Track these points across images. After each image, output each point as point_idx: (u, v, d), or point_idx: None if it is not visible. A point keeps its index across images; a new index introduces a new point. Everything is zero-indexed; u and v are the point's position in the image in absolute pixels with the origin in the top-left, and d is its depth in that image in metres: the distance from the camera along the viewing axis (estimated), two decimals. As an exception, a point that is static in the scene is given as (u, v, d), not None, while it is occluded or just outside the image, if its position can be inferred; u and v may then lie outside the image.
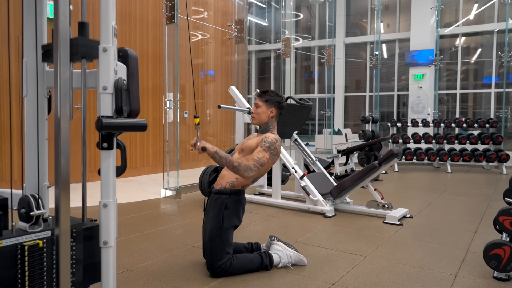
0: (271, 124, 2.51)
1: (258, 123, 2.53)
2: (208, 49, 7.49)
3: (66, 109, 1.22)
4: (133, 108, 1.87)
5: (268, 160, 2.31)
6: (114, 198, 1.59)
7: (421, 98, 11.09)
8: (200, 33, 7.25)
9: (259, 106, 2.50)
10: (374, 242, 3.00)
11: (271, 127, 2.50)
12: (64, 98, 1.21)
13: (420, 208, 4.18)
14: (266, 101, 2.49)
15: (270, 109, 2.48)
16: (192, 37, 7.07)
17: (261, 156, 2.30)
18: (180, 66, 5.04)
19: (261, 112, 2.49)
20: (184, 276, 2.31)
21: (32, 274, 1.30)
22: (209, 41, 7.44)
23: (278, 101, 2.51)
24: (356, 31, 13.14)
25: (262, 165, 2.29)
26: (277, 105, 2.50)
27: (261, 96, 2.52)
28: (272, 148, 2.33)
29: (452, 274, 2.39)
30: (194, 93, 6.27)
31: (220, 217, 2.30)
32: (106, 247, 1.57)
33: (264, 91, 2.53)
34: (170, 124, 5.07)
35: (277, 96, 2.52)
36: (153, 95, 6.42)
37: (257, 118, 2.51)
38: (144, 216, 3.75)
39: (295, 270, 2.42)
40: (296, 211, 3.99)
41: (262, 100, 2.50)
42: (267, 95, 2.50)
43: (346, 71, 12.99)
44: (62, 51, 1.21)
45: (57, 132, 1.21)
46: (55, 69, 1.21)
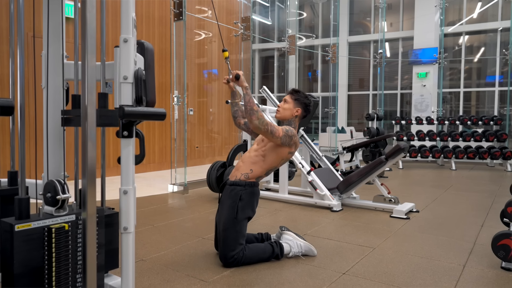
0: (293, 123, 2.53)
1: (281, 118, 2.55)
2: (213, 47, 7.53)
3: (92, 95, 1.26)
4: (149, 99, 1.92)
5: (279, 135, 2.34)
6: (133, 185, 1.64)
7: (424, 97, 11.10)
8: (205, 32, 7.30)
9: (287, 102, 2.54)
10: (382, 235, 3.03)
11: (293, 125, 2.53)
12: (91, 85, 1.25)
13: (426, 203, 4.21)
14: (295, 100, 2.53)
15: (296, 108, 2.51)
16: (197, 35, 7.12)
17: (277, 127, 2.35)
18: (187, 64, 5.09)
19: (287, 108, 2.53)
20: (197, 266, 2.36)
21: (59, 256, 1.35)
22: (214, 39, 7.49)
23: (306, 104, 2.54)
24: (359, 30, 13.16)
25: (272, 133, 2.31)
26: (304, 106, 2.53)
27: (292, 93, 2.56)
28: (289, 134, 2.38)
29: (461, 264, 2.43)
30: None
31: (234, 208, 2.34)
32: (126, 232, 1.61)
33: (296, 90, 2.58)
34: (177, 121, 5.11)
35: (306, 98, 2.56)
36: (158, 93, 6.47)
37: (282, 112, 2.54)
38: (153, 210, 3.79)
39: (306, 260, 2.46)
40: (303, 206, 4.03)
41: (292, 97, 2.54)
42: (298, 95, 2.55)
43: (350, 69, 13.01)
44: (89, 41, 1.25)
45: (84, 119, 1.25)
46: (83, 58, 1.25)
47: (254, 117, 2.25)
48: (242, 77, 2.27)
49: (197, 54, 7.19)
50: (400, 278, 2.21)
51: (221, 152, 7.74)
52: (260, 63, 14.51)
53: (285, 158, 2.44)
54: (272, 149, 2.40)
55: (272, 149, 2.40)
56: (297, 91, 2.55)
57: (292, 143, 2.40)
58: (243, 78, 2.27)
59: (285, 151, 2.41)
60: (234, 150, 4.35)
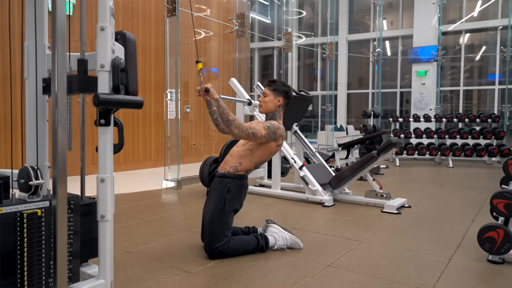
0: (277, 113, 2.54)
1: (265, 112, 2.56)
2: (209, 44, 7.53)
3: (63, 79, 1.26)
4: (131, 90, 1.91)
5: (261, 135, 2.33)
6: (111, 174, 1.64)
7: (424, 95, 11.08)
8: (202, 29, 7.30)
9: (266, 95, 2.54)
10: (371, 229, 3.03)
11: (277, 116, 2.53)
12: (62, 70, 1.25)
13: (419, 199, 4.20)
14: (274, 90, 2.53)
15: (277, 98, 2.51)
16: (190, 32, 7.12)
17: (258, 128, 2.33)
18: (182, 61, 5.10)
19: (268, 100, 2.53)
20: (182, 258, 2.36)
21: (31, 241, 1.35)
22: (211, 37, 7.49)
23: (286, 91, 2.54)
24: (359, 28, 13.15)
25: (254, 135, 2.31)
26: (284, 94, 2.53)
27: (269, 85, 2.55)
28: (271, 129, 2.37)
29: (447, 257, 2.42)
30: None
31: (222, 200, 2.34)
32: (103, 220, 1.61)
33: (272, 81, 2.57)
34: (172, 119, 5.12)
35: (284, 86, 2.56)
36: (155, 90, 6.48)
37: (265, 106, 2.54)
38: (145, 205, 3.80)
39: (291, 253, 2.46)
40: (295, 201, 4.02)
41: (270, 89, 2.54)
42: (275, 85, 2.54)
43: (349, 68, 13.00)
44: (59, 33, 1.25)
45: (54, 105, 1.26)
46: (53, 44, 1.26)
47: (232, 127, 2.24)
48: (212, 90, 2.25)
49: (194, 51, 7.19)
50: (384, 270, 2.20)
51: (218, 149, 7.74)
52: (259, 61, 14.50)
53: (274, 151, 2.44)
54: (258, 144, 2.40)
55: (258, 144, 2.40)
56: (273, 81, 2.55)
57: (278, 137, 2.40)
58: (212, 90, 2.25)
59: (272, 145, 2.41)
60: (227, 146, 4.34)
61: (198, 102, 7.35)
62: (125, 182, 5.14)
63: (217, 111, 2.27)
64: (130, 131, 6.21)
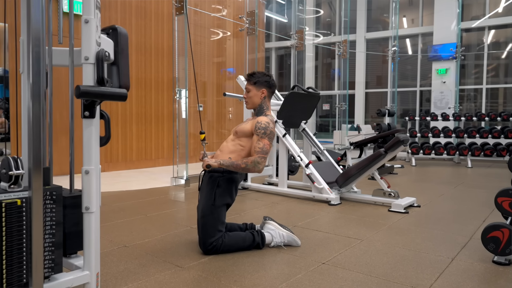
0: (264, 105, 2.51)
1: (253, 107, 2.54)
2: (219, 42, 7.55)
3: (39, 68, 1.27)
4: (122, 84, 1.92)
5: (269, 145, 2.34)
6: (97, 166, 1.64)
7: (444, 94, 10.79)
8: (218, 29, 7.33)
9: (249, 90, 2.51)
10: (375, 228, 2.95)
11: (264, 108, 2.50)
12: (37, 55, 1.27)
13: (430, 198, 4.07)
14: (255, 84, 2.50)
15: (260, 90, 2.48)
16: (203, 31, 7.15)
17: (261, 145, 2.31)
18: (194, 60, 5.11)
19: (252, 95, 2.50)
20: (177, 253, 2.35)
21: (10, 231, 1.36)
22: (228, 37, 7.51)
23: (267, 80, 2.51)
24: (378, 26, 12.92)
25: (267, 153, 2.31)
26: (266, 84, 2.50)
27: (249, 79, 2.52)
28: (268, 132, 2.34)
29: (449, 258, 2.33)
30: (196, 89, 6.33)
31: (212, 195, 2.32)
32: (88, 212, 1.62)
33: (251, 74, 2.53)
34: (181, 118, 5.16)
35: (264, 75, 2.52)
36: (168, 89, 6.54)
37: (250, 102, 2.52)
38: (151, 201, 3.83)
39: (287, 250, 2.42)
40: (301, 199, 3.97)
41: (251, 83, 2.51)
42: (254, 77, 2.50)
43: (367, 67, 12.79)
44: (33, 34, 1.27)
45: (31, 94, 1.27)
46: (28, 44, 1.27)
47: (252, 170, 2.27)
48: (212, 163, 2.26)
49: (207, 50, 7.22)
50: (381, 269, 2.14)
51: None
52: (276, 61, 14.46)
53: None
54: (248, 139, 2.38)
55: (249, 140, 2.38)
56: (252, 74, 2.51)
57: (271, 136, 2.38)
58: (212, 162, 2.26)
59: None
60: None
61: (211, 101, 7.38)
62: (136, 179, 5.21)
63: (231, 170, 2.30)
64: (143, 130, 6.28)
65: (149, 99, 6.35)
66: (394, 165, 6.13)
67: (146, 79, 6.29)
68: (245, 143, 2.38)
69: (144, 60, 6.23)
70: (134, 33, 6.07)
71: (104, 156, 5.79)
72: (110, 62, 1.92)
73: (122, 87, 1.92)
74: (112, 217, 3.18)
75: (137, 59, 6.14)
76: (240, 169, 2.26)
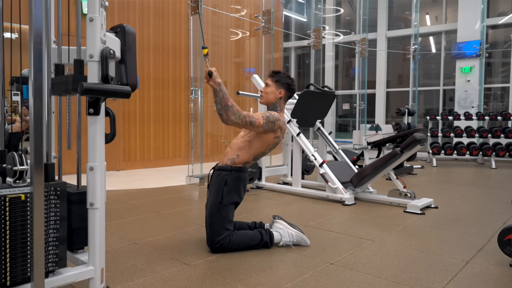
0: (278, 105, 2.48)
1: (266, 103, 2.51)
2: (237, 42, 7.56)
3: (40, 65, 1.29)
4: (129, 82, 1.94)
5: (259, 124, 2.27)
6: (102, 162, 1.66)
7: (469, 93, 10.47)
8: (238, 29, 7.34)
9: (268, 85, 2.49)
10: (388, 229, 2.88)
11: (278, 108, 2.47)
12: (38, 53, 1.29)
13: (449, 199, 3.95)
14: (276, 81, 2.47)
15: (279, 89, 2.46)
16: (220, 30, 7.18)
17: (256, 117, 2.28)
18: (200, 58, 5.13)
19: (269, 91, 2.48)
20: (185, 251, 2.36)
21: (14, 225, 1.39)
22: (238, 34, 7.52)
23: (288, 83, 2.48)
24: (400, 24, 12.67)
25: (251, 123, 2.25)
26: (286, 86, 2.47)
27: (272, 76, 2.50)
28: (270, 120, 2.31)
29: (464, 260, 2.25)
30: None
31: (220, 193, 2.32)
32: (93, 208, 1.64)
33: (276, 71, 2.51)
34: (197, 117, 5.19)
35: (288, 78, 2.49)
36: (185, 89, 6.59)
37: (265, 97, 2.49)
38: (165, 200, 3.86)
39: (296, 250, 2.39)
40: (315, 199, 3.93)
41: (273, 80, 2.49)
42: (278, 76, 2.49)
43: (389, 66, 12.56)
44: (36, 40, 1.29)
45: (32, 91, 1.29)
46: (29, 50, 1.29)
47: (230, 113, 2.19)
48: (215, 73, 2.19)
49: (224, 50, 7.25)
50: (390, 270, 2.08)
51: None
52: (296, 60, 14.39)
53: (272, 143, 2.39)
54: (257, 136, 2.36)
55: (257, 135, 2.36)
56: (277, 72, 2.48)
57: (276, 128, 2.34)
58: (215, 74, 2.19)
59: (270, 137, 2.35)
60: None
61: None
62: (152, 178, 5.27)
63: (218, 95, 2.19)
64: (160, 129, 6.36)
65: (166, 99, 6.42)
66: (413, 166, 5.99)
67: (164, 79, 6.36)
68: (252, 138, 2.36)
69: (162, 60, 6.30)
70: (152, 34, 6.15)
71: (123, 155, 5.89)
72: (118, 61, 1.95)
73: (129, 85, 1.94)
74: (125, 215, 3.22)
75: (155, 59, 6.22)
76: (224, 103, 2.17)
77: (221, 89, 2.20)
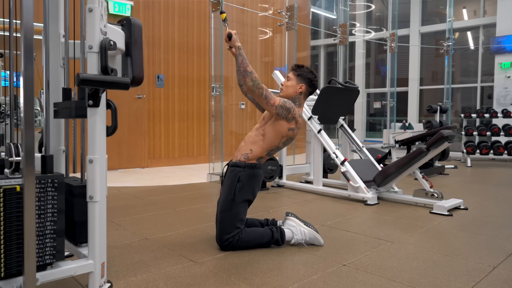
0: (298, 100, 2.38)
1: (285, 96, 2.41)
2: (259, 39, 7.49)
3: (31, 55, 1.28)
4: (135, 75, 1.92)
5: (273, 103, 2.21)
6: (102, 155, 1.64)
7: (509, 89, 9.91)
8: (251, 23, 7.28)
9: (290, 79, 2.41)
10: (410, 230, 2.72)
11: (297, 103, 2.38)
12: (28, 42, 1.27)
13: (481, 201, 3.71)
14: (298, 75, 2.39)
15: (300, 84, 2.37)
16: (244, 28, 7.13)
17: (273, 96, 2.22)
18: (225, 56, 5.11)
19: (290, 85, 2.39)
20: (194, 248, 2.32)
21: (9, 216, 1.38)
22: (262, 31, 7.44)
23: (310, 78, 2.39)
24: (435, 19, 12.17)
25: (266, 98, 2.19)
26: (308, 82, 2.38)
27: (294, 69, 2.42)
28: (286, 106, 2.23)
29: (491, 265, 2.07)
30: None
31: (232, 190, 2.26)
32: (92, 201, 1.62)
33: (299, 65, 2.43)
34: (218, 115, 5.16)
35: (310, 73, 2.40)
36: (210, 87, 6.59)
37: (285, 90, 2.41)
38: (183, 196, 3.85)
39: (308, 249, 2.29)
40: (336, 198, 3.79)
41: (295, 73, 2.40)
42: (300, 70, 2.40)
43: (422, 62, 12.10)
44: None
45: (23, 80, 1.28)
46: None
47: (248, 79, 2.14)
48: (235, 36, 2.15)
49: (248, 47, 7.20)
50: (407, 274, 1.94)
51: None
52: (325, 59, 14.15)
53: (286, 136, 2.29)
54: (271, 125, 2.28)
55: (271, 125, 2.28)
56: (300, 66, 2.39)
57: (290, 117, 2.25)
58: (235, 37, 2.15)
59: (284, 127, 2.26)
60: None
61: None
62: (175, 175, 5.30)
63: (237, 60, 2.16)
64: (185, 127, 6.39)
65: (191, 97, 6.45)
66: (445, 165, 5.70)
67: (189, 77, 6.39)
68: (266, 130, 2.29)
69: (186, 58, 6.33)
70: (177, 32, 6.19)
71: (148, 153, 5.96)
72: (124, 54, 1.93)
73: (135, 78, 1.92)
74: (142, 210, 3.23)
75: (180, 58, 6.25)
76: (243, 68, 2.13)
77: (240, 53, 2.16)
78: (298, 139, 7.61)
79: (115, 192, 4.03)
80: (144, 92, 5.83)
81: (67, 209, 1.78)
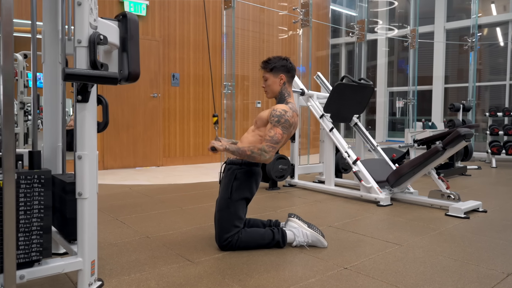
0: (285, 91, 2.32)
1: (273, 96, 2.36)
2: (275, 37, 7.40)
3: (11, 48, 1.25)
4: (131, 70, 1.89)
5: (282, 135, 2.16)
6: (92, 151, 1.61)
7: (540, 87, 9.45)
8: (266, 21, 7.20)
9: (266, 78, 2.34)
10: (421, 233, 2.59)
11: (286, 95, 2.31)
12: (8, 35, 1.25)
13: (502, 203, 3.52)
14: (271, 70, 2.32)
15: (278, 76, 2.30)
16: (260, 26, 7.06)
17: (273, 134, 2.15)
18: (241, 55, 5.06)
19: (271, 83, 2.32)
20: (194, 247, 2.27)
21: (-7, 212, 1.37)
22: (277, 29, 7.35)
23: (284, 65, 2.31)
24: (461, 15, 11.75)
25: (277, 143, 2.15)
26: (284, 69, 2.31)
27: (264, 67, 2.34)
28: (282, 121, 2.16)
29: (505, 273, 1.93)
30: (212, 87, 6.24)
31: (229, 188, 2.21)
32: (81, 198, 1.60)
33: (266, 61, 2.34)
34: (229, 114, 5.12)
35: (281, 59, 2.32)
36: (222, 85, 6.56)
37: (270, 91, 2.35)
38: (192, 195, 3.82)
39: (310, 251, 2.21)
40: (348, 199, 3.68)
41: (267, 70, 2.33)
42: (270, 64, 2.32)
43: (447, 60, 11.70)
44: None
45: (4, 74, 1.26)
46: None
47: (257, 158, 2.13)
48: (217, 146, 2.14)
49: (260, 46, 7.13)
50: (411, 279, 1.83)
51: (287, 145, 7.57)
52: (346, 56, 13.91)
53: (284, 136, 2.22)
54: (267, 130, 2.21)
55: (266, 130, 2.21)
56: (267, 61, 2.31)
57: (292, 123, 2.19)
58: (217, 145, 2.14)
59: (279, 130, 2.20)
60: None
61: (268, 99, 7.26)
62: (189, 174, 5.29)
63: (236, 156, 2.17)
64: (200, 126, 6.39)
65: (206, 96, 6.44)
66: (467, 166, 5.47)
67: (204, 76, 6.38)
68: (263, 133, 2.23)
69: (202, 57, 6.32)
70: (192, 31, 6.19)
71: (163, 151, 5.98)
72: (120, 49, 1.90)
73: (131, 73, 1.89)
74: (148, 209, 3.22)
75: (195, 57, 6.25)
76: (246, 156, 2.11)
77: (232, 150, 2.14)
78: (314, 138, 7.48)
79: (126, 190, 4.05)
80: (159, 91, 5.86)
81: (60, 206, 1.77)
